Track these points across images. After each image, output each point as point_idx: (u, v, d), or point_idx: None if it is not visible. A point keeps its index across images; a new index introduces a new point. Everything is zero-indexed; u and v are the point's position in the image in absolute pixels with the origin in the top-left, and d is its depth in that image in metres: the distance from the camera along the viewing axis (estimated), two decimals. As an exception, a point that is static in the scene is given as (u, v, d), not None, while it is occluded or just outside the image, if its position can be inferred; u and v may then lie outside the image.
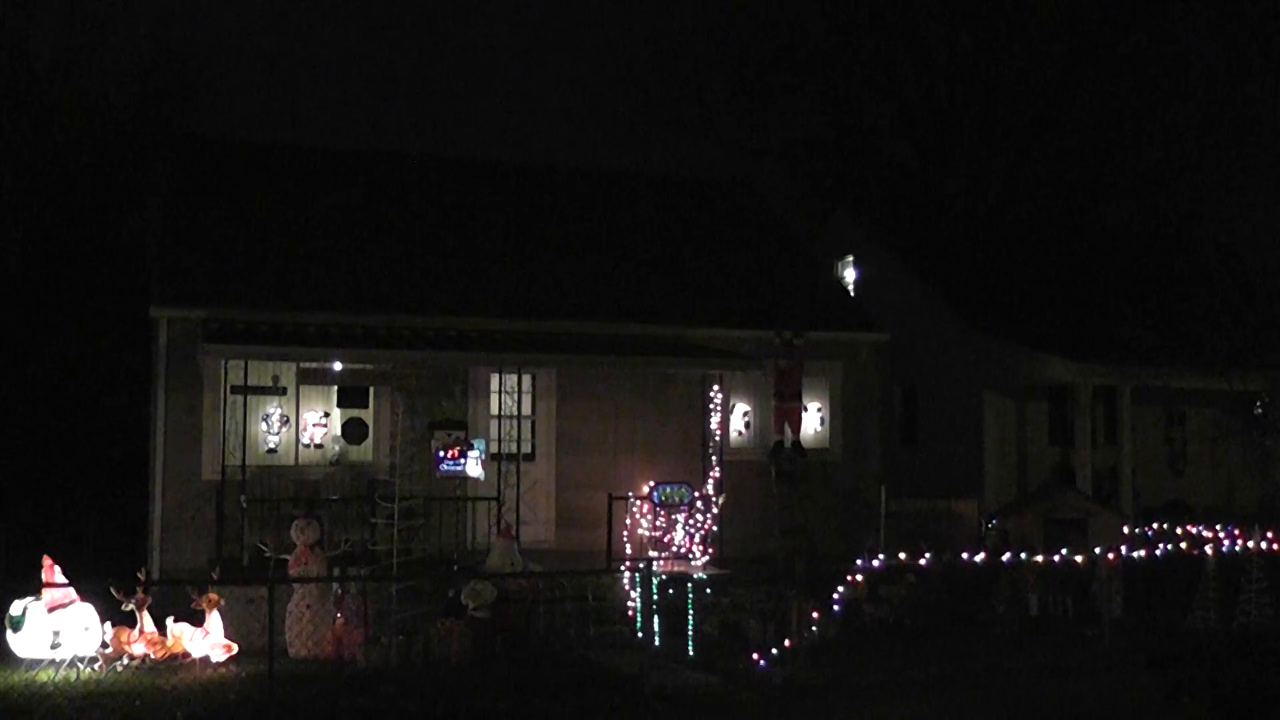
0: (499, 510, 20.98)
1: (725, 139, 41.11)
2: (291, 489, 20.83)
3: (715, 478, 22.32)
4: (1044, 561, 19.76)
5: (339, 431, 21.95)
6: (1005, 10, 38.32)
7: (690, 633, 17.29)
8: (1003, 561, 19.69)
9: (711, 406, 22.94)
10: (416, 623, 17.20)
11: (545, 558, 20.97)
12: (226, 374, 19.96)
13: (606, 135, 72.65)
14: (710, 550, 21.39)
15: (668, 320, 23.75)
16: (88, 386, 34.55)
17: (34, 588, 16.28)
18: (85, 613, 16.50)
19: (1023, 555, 19.53)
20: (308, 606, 17.17)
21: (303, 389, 21.63)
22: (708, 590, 18.86)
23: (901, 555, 19.18)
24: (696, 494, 21.37)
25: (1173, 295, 27.69)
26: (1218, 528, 21.67)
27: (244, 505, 19.70)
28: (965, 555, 19.03)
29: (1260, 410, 27.67)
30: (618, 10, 74.51)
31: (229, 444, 19.97)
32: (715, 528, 21.68)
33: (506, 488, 21.14)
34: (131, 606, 16.59)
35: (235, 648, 16.66)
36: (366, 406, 22.11)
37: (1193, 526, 22.60)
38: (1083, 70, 38.29)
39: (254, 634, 16.82)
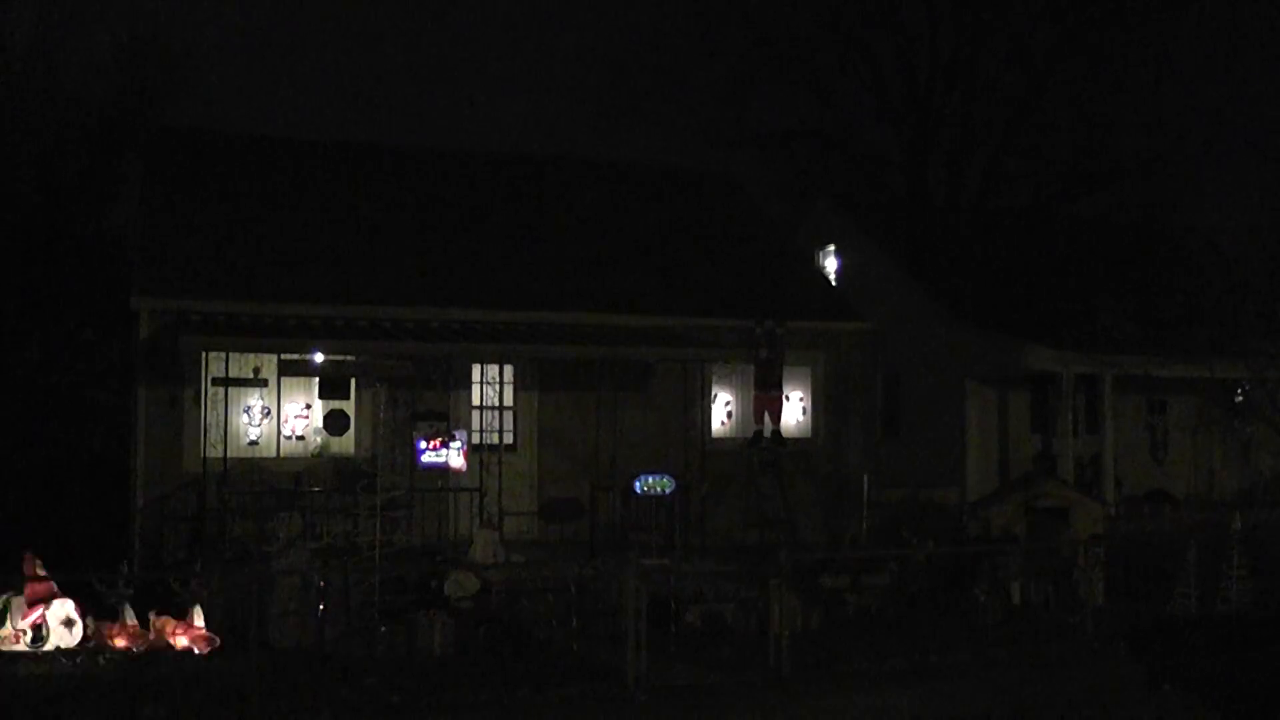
0: (481, 501, 20.99)
1: (706, 129, 41.09)
2: (273, 481, 20.79)
3: (697, 468, 22.33)
4: (1025, 550, 19.87)
5: (320, 423, 21.92)
6: (987, 1, 38.31)
7: (673, 623, 17.31)
8: (984, 550, 19.77)
9: (693, 396, 22.95)
10: (399, 614, 17.19)
11: (528, 548, 20.98)
12: (207, 366, 19.90)
13: (587, 125, 72.66)
14: (692, 540, 21.44)
15: (649, 310, 23.74)
16: (68, 379, 34.41)
17: (15, 582, 16.24)
18: (67, 606, 16.47)
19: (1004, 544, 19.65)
20: (290, 598, 17.14)
21: (284, 381, 21.61)
22: (690, 580, 18.89)
23: (883, 544, 19.24)
24: (678, 484, 21.40)
25: (1154, 284, 27.75)
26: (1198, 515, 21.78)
27: (226, 498, 19.65)
28: (947, 544, 19.09)
29: (1241, 398, 27.74)
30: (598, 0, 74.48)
31: (210, 436, 19.92)
32: (697, 517, 21.72)
33: (488, 479, 21.14)
34: (113, 600, 16.56)
35: (218, 640, 16.62)
36: (348, 398, 22.07)
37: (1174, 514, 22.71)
38: (1064, 60, 38.30)
39: (237, 627, 16.78)
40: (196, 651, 16.38)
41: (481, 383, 22.54)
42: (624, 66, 48.52)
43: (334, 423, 21.93)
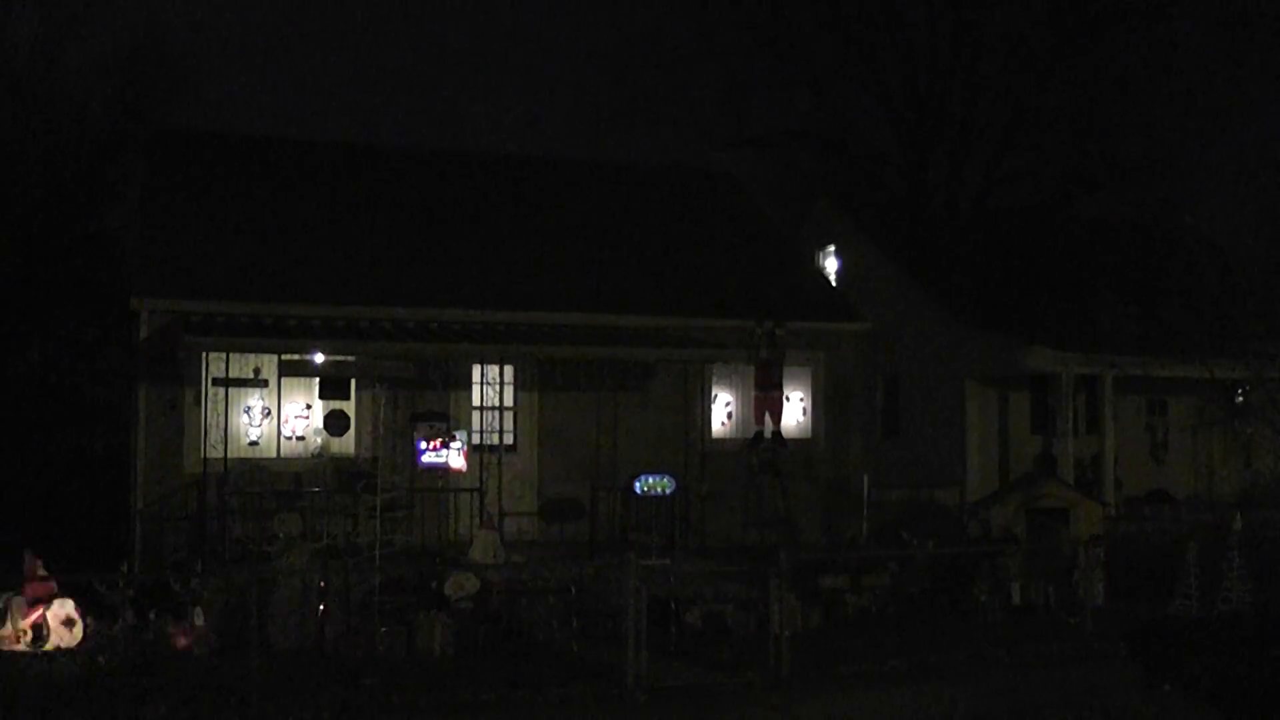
0: (481, 501, 21.00)
1: (707, 129, 41.09)
2: (274, 481, 20.80)
3: (697, 468, 22.34)
4: (1025, 550, 19.86)
5: (321, 424, 21.93)
6: (987, 1, 38.34)
7: (673, 623, 17.31)
8: (984, 550, 19.76)
9: (693, 397, 22.96)
10: (399, 614, 17.19)
11: (528, 549, 20.98)
12: (208, 366, 19.92)
13: (588, 125, 72.66)
14: (692, 540, 21.43)
15: (649, 311, 23.75)
16: (69, 380, 34.44)
17: (16, 581, 16.25)
18: (68, 606, 16.48)
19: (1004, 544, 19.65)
20: (290, 599, 17.14)
21: (284, 381, 21.62)
22: (690, 580, 18.89)
23: (883, 544, 19.25)
24: (678, 484, 21.41)
25: (1154, 284, 27.74)
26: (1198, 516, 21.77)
27: (226, 498, 19.66)
28: (948, 544, 19.09)
29: (1241, 399, 27.74)
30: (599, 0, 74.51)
31: (210, 437, 19.93)
32: (698, 518, 21.72)
33: (488, 479, 21.15)
34: (114, 600, 16.57)
35: (218, 640, 16.62)
36: (348, 398, 22.08)
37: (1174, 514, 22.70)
38: (1065, 60, 38.32)
39: (237, 626, 16.78)
40: (197, 652, 16.38)
41: (482, 383, 22.55)
42: (624, 67, 48.57)
43: (334, 423, 21.93)
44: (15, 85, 34.53)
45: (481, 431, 22.22)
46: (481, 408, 22.53)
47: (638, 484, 21.21)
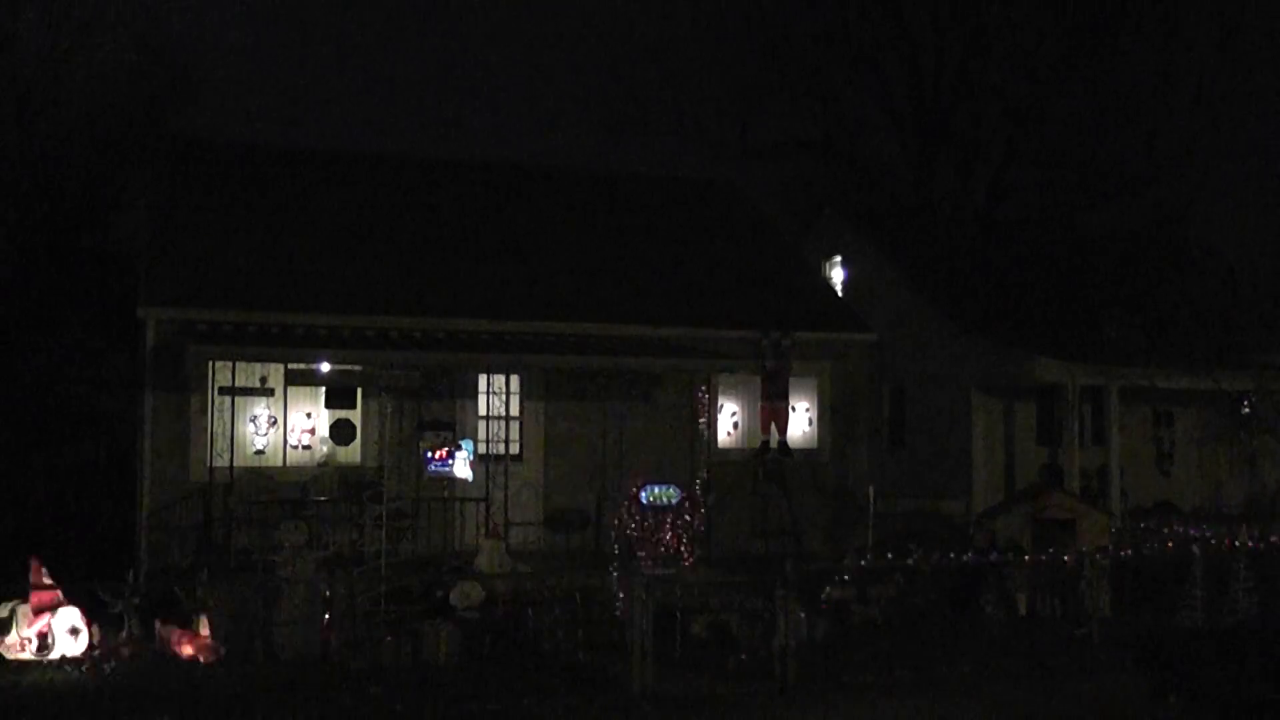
0: (487, 511, 20.99)
1: (713, 139, 41.15)
2: (279, 490, 20.80)
3: (703, 478, 22.33)
4: (1032, 561, 19.83)
5: (327, 433, 21.92)
6: (993, 11, 38.39)
7: (679, 633, 17.29)
8: (991, 562, 19.73)
9: (699, 407, 22.95)
10: (405, 623, 17.20)
11: (534, 559, 20.97)
12: (214, 375, 19.93)
13: (594, 135, 72.69)
14: (698, 550, 21.41)
15: (656, 321, 23.75)
16: (75, 388, 34.46)
17: (22, 589, 16.27)
18: (73, 614, 16.49)
19: (1010, 555, 19.62)
20: (296, 608, 17.14)
21: (290, 390, 21.62)
22: (695, 590, 18.87)
23: (889, 555, 19.23)
24: (684, 495, 21.39)
25: (1160, 295, 27.72)
26: (1204, 527, 21.72)
27: (231, 507, 19.66)
28: (953, 555, 19.06)
29: (1247, 409, 27.70)
30: (606, 10, 74.62)
31: (216, 445, 19.94)
32: (703, 528, 21.70)
33: (495, 489, 21.14)
34: (119, 608, 16.58)
35: (223, 649, 16.63)
36: (354, 408, 22.09)
37: (1180, 526, 22.65)
38: (1070, 71, 38.37)
39: (242, 635, 16.80)
40: (202, 660, 16.39)
41: (488, 393, 22.55)
42: (631, 77, 48.73)
43: (340, 432, 21.94)
44: (23, 94, 34.58)
45: (488, 441, 22.19)
46: (488, 417, 22.52)
47: (644, 494, 21.20)
